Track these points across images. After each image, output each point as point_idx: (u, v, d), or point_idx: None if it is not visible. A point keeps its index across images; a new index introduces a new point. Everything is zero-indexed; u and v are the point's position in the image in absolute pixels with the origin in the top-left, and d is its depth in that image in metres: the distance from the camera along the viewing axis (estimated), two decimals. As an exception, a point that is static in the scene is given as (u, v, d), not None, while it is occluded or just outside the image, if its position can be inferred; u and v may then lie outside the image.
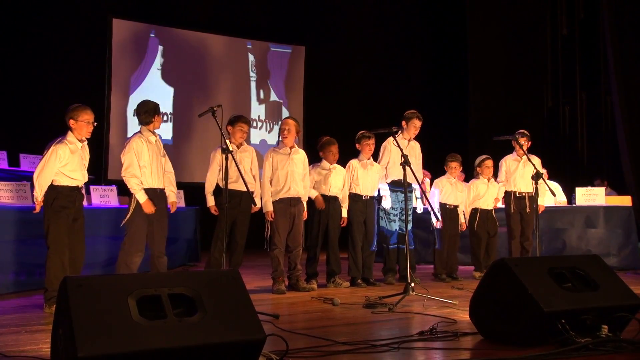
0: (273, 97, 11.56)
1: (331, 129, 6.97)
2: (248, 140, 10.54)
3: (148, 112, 4.89)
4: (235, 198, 5.28)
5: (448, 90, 12.59)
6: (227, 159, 4.69)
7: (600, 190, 7.97)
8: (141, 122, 4.93)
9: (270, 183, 5.60)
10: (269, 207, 5.52)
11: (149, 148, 4.84)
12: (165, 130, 10.42)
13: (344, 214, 5.96)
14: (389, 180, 6.28)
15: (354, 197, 6.08)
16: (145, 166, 4.81)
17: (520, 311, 3.17)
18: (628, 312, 3.31)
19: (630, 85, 9.43)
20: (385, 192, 6.26)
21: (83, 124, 4.53)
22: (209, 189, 5.41)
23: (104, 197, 6.64)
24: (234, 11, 11.14)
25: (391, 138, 6.23)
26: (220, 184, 5.17)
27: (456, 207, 6.74)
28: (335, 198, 5.94)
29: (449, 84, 12.61)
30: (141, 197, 4.75)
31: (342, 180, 5.99)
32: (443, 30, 12.85)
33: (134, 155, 4.78)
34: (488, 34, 11.83)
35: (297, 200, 5.64)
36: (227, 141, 5.04)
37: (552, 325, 3.08)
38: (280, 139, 5.75)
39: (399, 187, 6.02)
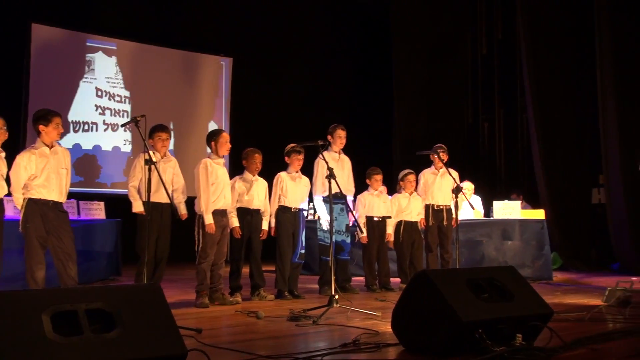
0: (199, 107, 11.42)
1: (257, 141, 6.96)
2: (184, 151, 10.43)
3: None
4: (156, 210, 5.19)
5: (373, 107, 12.81)
6: (150, 170, 4.60)
7: (516, 204, 8.31)
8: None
9: None
10: (211, 219, 5.43)
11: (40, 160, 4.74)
12: (88, 140, 10.12)
13: (264, 226, 5.95)
14: (325, 194, 6.35)
15: (282, 209, 6.09)
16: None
17: (439, 322, 3.25)
18: (540, 321, 3.46)
19: (544, 103, 9.89)
20: (322, 213, 6.33)
21: None
22: (135, 195, 5.27)
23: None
24: (161, 21, 10.97)
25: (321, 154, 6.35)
26: (142, 195, 5.09)
27: (383, 218, 6.86)
28: (257, 211, 5.92)
29: (374, 101, 12.83)
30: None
31: (264, 192, 5.99)
32: (369, 48, 13.10)
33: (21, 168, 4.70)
34: (412, 53, 12.14)
35: (225, 212, 5.62)
36: (151, 152, 4.96)
37: (470, 335, 3.18)
38: (211, 150, 5.69)
39: (335, 199, 6.07)
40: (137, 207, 5.25)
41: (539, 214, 8.38)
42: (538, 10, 10.04)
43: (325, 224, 6.34)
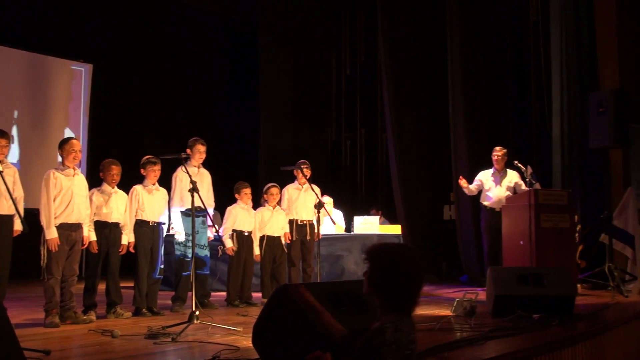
0: (54, 115, 10.79)
1: (119, 152, 6.70)
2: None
3: None
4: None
5: (240, 120, 12.80)
6: (-5, 180, 4.28)
7: (375, 219, 8.65)
8: None
9: None
10: (53, 234, 5.12)
11: None
12: None
13: (124, 241, 5.74)
14: (183, 208, 6.23)
15: (140, 224, 5.90)
16: None
17: (299, 336, 3.30)
18: (394, 331, 3.62)
19: (401, 124, 10.39)
20: (179, 226, 6.19)
21: None
22: None
23: None
24: (14, 22, 10.23)
25: (182, 167, 6.25)
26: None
27: (251, 233, 6.85)
28: (116, 224, 5.70)
29: (240, 114, 12.82)
30: None
31: (124, 205, 5.78)
32: (236, 62, 13.09)
33: None
34: (278, 69, 12.28)
35: (79, 225, 5.33)
36: (-3, 161, 4.63)
37: (329, 349, 3.25)
38: (61, 160, 5.40)
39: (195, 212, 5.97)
40: None
41: (396, 229, 8.76)
42: (397, 37, 10.57)
43: (181, 237, 6.21)
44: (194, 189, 5.12)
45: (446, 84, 9.88)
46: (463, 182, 8.22)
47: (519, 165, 7.66)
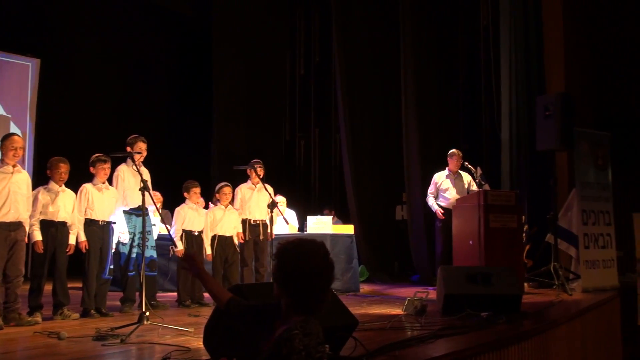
0: (-1, 111, 10.46)
1: (68, 150, 6.54)
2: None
3: None
4: None
5: (192, 119, 12.64)
6: None
7: (329, 219, 8.67)
8: None
9: None
10: None
11: None
12: None
13: (72, 240, 5.61)
14: (127, 208, 6.12)
15: (89, 223, 5.78)
16: None
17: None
18: (346, 331, 3.65)
19: (354, 126, 10.47)
20: (122, 226, 6.07)
21: None
22: None
23: None
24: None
25: (123, 166, 6.18)
26: None
27: (200, 232, 6.78)
28: (63, 223, 5.56)
29: (193, 113, 12.67)
30: None
31: (71, 204, 5.65)
32: (190, 60, 12.93)
33: None
34: (232, 68, 12.19)
35: (19, 224, 5.17)
36: None
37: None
38: (1, 156, 5.22)
39: (138, 212, 5.87)
40: None
41: (349, 229, 8.80)
42: (351, 38, 10.64)
43: (125, 237, 6.09)
44: (144, 188, 5.05)
45: (399, 85, 9.99)
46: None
47: (469, 166, 7.81)
